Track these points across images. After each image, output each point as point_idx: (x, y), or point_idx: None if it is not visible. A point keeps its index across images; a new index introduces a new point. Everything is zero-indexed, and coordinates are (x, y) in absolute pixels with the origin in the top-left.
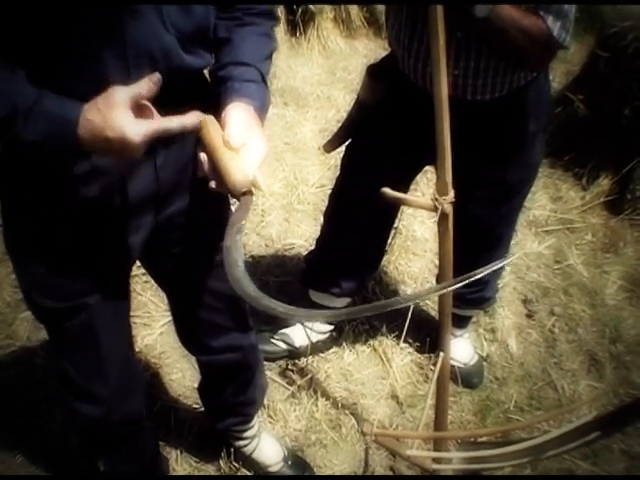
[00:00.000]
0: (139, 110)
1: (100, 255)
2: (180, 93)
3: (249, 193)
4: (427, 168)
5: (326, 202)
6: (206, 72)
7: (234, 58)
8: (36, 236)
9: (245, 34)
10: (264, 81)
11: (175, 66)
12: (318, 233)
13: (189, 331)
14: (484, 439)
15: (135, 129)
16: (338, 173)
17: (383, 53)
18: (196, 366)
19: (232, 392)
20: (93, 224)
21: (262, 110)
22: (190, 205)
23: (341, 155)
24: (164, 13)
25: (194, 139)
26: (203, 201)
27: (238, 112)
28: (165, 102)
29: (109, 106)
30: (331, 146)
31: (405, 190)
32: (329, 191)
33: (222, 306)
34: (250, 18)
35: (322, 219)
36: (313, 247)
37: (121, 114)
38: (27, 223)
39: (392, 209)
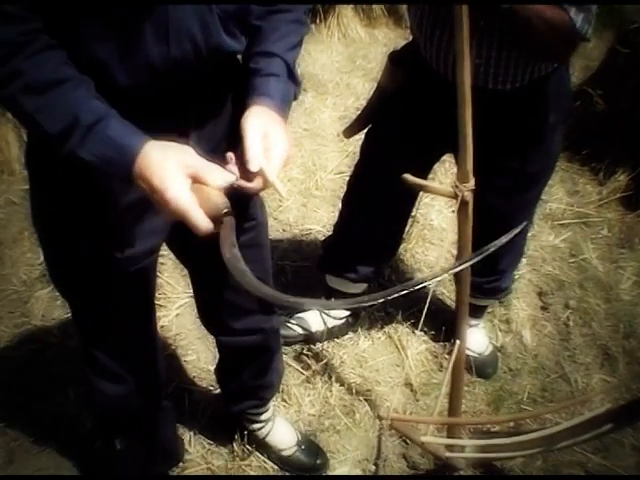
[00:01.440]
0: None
1: (128, 234)
2: (216, 76)
3: (230, 214)
4: (445, 157)
5: (344, 189)
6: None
7: (262, 48)
8: (65, 214)
9: (276, 22)
10: (289, 70)
11: (214, 47)
12: (335, 219)
13: (212, 311)
14: (496, 429)
15: (177, 194)
16: (357, 159)
17: (403, 42)
18: (211, 348)
19: (251, 375)
20: (122, 203)
21: (282, 105)
22: None
23: (360, 142)
24: None
25: (227, 120)
26: None
27: (252, 123)
28: (201, 85)
29: (175, 160)
30: (351, 132)
31: (424, 177)
32: (347, 178)
33: None
34: (282, 5)
35: (340, 205)
36: (330, 233)
37: (178, 174)
38: (57, 197)
39: (410, 196)
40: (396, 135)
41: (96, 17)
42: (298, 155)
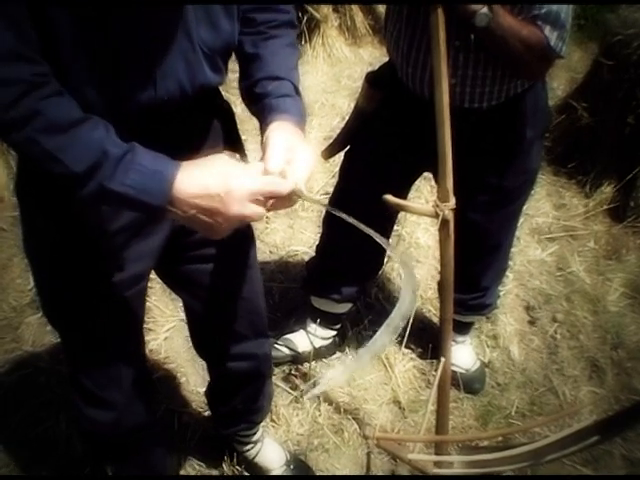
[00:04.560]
0: None
1: (117, 260)
2: (199, 108)
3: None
4: (431, 175)
5: None
6: (236, 88)
7: (267, 73)
8: (56, 238)
9: (274, 48)
10: (297, 92)
11: (199, 85)
12: None
13: (205, 337)
14: (485, 444)
15: (242, 180)
16: (337, 179)
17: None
18: (200, 371)
19: (242, 400)
20: (111, 230)
21: (301, 122)
22: None
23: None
24: (192, 32)
25: (221, 147)
26: None
27: (277, 134)
28: (184, 117)
29: (213, 160)
30: (329, 153)
31: (404, 196)
32: None
33: (242, 313)
34: (274, 31)
35: (321, 225)
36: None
37: (227, 163)
38: (47, 225)
39: (390, 215)
40: (374, 155)
41: (83, 57)
42: None
